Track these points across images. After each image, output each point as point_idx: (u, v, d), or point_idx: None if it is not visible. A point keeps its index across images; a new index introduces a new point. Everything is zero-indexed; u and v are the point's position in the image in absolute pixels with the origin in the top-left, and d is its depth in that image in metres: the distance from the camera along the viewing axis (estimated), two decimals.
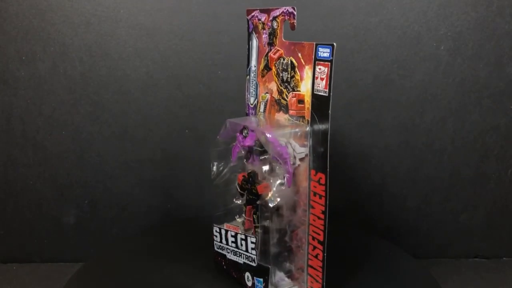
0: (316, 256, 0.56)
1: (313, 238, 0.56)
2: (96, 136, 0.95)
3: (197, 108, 0.94)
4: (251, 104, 0.66)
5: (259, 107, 0.64)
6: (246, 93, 0.67)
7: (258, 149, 0.57)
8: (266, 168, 0.57)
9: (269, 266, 0.57)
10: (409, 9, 0.90)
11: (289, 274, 0.60)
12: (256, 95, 0.65)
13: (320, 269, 0.56)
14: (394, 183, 0.97)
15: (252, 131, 0.58)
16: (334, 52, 0.51)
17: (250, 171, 0.59)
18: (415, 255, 0.96)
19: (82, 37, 0.91)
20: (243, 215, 0.61)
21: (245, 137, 0.58)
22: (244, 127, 0.58)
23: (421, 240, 1.00)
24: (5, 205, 0.98)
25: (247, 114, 0.67)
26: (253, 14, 0.64)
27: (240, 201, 0.61)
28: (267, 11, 0.61)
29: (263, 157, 0.57)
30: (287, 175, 0.55)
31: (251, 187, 0.58)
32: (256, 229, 0.59)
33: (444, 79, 0.92)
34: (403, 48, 0.91)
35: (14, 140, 0.95)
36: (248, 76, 0.66)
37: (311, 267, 0.57)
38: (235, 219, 0.64)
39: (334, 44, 0.50)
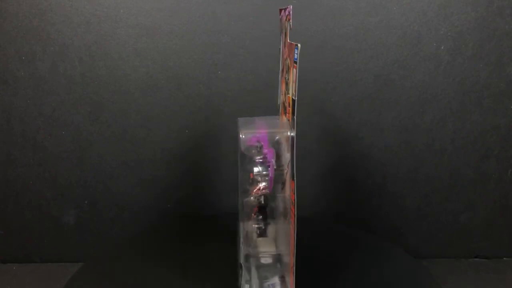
0: (291, 269, 0.54)
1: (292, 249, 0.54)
2: (96, 136, 0.95)
3: (197, 108, 0.94)
4: (278, 106, 0.66)
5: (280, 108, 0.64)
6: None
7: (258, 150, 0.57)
8: (257, 169, 0.57)
9: (242, 265, 0.58)
10: (409, 9, 0.90)
11: (282, 279, 0.59)
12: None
13: (292, 283, 0.53)
14: (394, 183, 0.97)
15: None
16: (299, 53, 0.49)
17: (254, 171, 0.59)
18: (415, 255, 0.96)
19: (82, 37, 0.91)
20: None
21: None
22: None
23: (421, 240, 1.00)
24: (5, 205, 0.98)
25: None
26: (282, 14, 0.62)
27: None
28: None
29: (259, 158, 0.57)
30: (269, 178, 0.55)
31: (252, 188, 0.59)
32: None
33: (444, 79, 0.92)
34: (403, 48, 0.91)
35: (14, 140, 0.95)
36: (279, 77, 0.65)
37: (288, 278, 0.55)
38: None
39: (299, 45, 0.49)
